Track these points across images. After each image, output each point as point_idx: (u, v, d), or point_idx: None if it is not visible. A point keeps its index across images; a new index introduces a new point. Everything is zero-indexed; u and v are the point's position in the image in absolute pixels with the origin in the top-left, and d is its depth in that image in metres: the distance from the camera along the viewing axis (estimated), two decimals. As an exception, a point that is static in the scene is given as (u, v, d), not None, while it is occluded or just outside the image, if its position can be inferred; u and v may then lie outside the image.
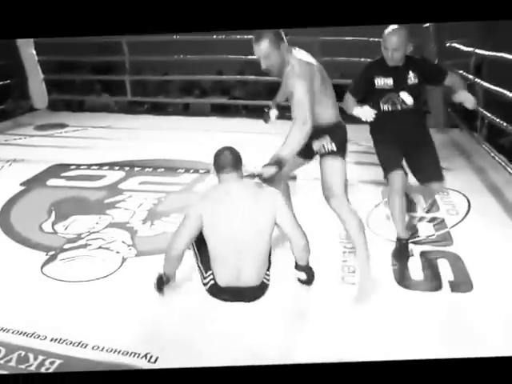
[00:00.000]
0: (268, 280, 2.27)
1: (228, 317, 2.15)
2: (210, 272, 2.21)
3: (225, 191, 2.17)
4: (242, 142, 2.81)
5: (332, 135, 2.27)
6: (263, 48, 2.16)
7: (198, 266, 2.27)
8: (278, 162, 2.10)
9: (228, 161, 2.16)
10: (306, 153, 2.32)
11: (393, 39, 2.40)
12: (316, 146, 2.29)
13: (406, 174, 2.62)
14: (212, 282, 2.21)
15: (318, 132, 2.22)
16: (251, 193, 2.17)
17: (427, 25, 4.73)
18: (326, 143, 2.27)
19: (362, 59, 4.53)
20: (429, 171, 2.62)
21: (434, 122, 5.16)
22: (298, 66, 2.16)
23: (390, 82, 2.51)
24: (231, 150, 2.20)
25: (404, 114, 2.55)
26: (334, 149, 2.27)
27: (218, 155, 2.19)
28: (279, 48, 2.16)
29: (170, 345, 1.98)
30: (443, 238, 2.79)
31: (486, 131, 4.99)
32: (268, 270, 2.27)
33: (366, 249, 2.32)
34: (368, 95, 2.59)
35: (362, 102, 2.59)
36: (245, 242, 2.13)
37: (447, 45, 4.93)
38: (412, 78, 2.51)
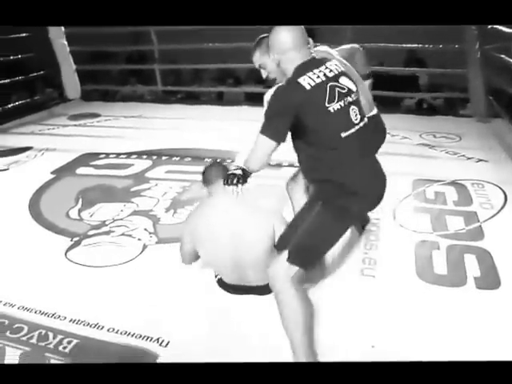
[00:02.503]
0: None
1: (242, 308, 2.12)
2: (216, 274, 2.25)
3: (212, 204, 2.15)
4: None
5: None
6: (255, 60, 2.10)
7: None
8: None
9: (216, 175, 2.14)
10: None
11: None
12: None
13: None
14: (219, 276, 2.24)
15: None
16: (242, 204, 2.06)
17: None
18: None
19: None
20: None
21: (474, 111, 4.92)
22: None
23: None
24: (219, 164, 2.28)
25: None
26: None
27: (206, 170, 2.22)
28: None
29: (183, 330, 1.99)
30: (474, 233, 2.65)
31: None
32: None
33: None
34: None
35: None
36: (242, 250, 2.06)
37: (489, 27, 4.63)
38: None
